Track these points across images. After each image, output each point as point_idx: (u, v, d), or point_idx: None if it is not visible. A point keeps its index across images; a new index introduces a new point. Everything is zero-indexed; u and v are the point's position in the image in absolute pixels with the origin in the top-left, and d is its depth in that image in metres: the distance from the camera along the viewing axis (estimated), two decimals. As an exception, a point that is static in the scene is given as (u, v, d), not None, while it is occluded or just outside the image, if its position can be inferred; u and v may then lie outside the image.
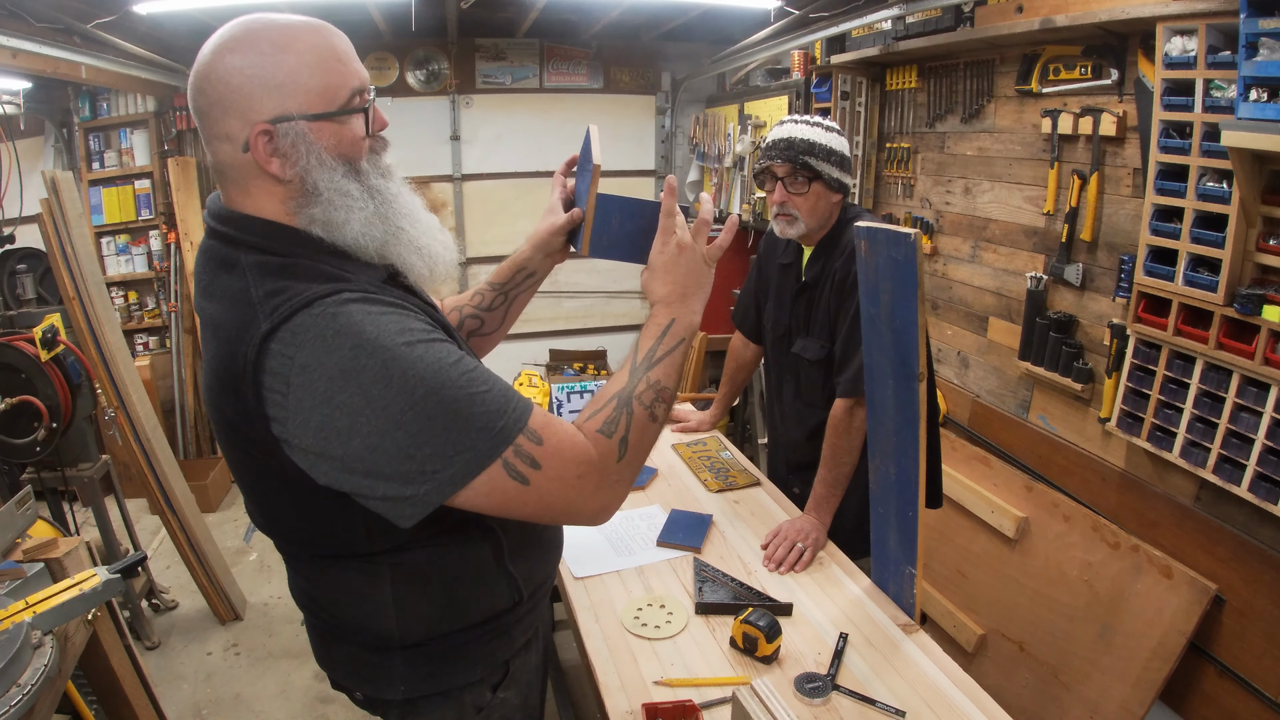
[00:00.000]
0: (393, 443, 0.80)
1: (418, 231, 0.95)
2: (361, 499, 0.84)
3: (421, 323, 0.86)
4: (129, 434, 2.68)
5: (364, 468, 0.81)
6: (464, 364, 0.85)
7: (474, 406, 0.83)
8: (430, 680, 1.04)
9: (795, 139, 1.71)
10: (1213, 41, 1.74)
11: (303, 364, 0.79)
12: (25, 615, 1.28)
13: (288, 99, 0.85)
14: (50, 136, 3.92)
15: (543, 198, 1.32)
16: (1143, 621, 1.99)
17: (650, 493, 1.93)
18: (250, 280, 0.84)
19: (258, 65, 0.84)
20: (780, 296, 1.93)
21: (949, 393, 2.91)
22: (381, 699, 1.07)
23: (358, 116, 0.90)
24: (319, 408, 0.79)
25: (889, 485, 1.45)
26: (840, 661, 1.31)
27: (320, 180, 0.87)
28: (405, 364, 0.80)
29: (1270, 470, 1.71)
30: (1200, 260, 1.84)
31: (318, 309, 0.80)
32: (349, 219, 0.88)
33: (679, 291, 1.01)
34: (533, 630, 1.14)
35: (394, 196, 0.94)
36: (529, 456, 0.85)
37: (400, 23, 3.58)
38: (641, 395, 0.95)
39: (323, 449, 0.81)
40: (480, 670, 1.06)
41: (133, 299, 4.09)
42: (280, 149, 0.85)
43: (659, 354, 0.98)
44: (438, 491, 0.83)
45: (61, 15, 2.72)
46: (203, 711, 2.43)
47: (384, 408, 0.79)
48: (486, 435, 0.83)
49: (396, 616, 0.99)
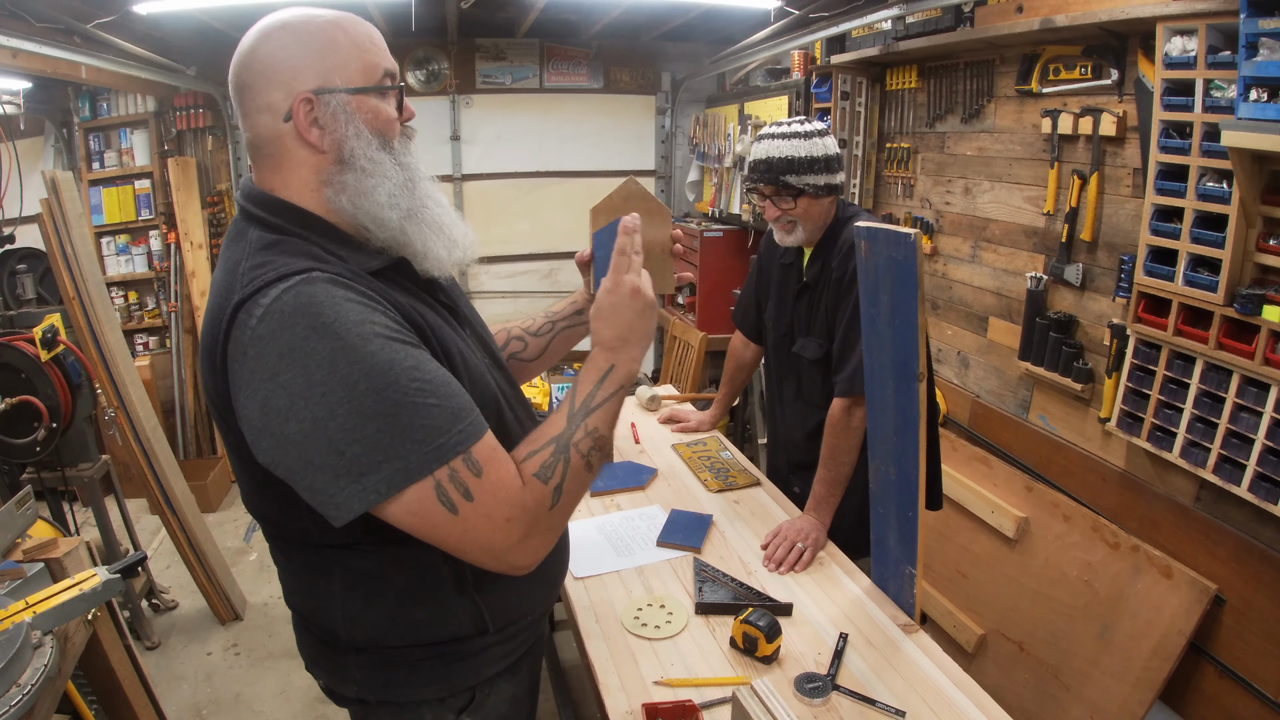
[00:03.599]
0: (324, 433, 0.78)
1: (441, 211, 0.97)
2: (293, 485, 0.83)
3: (389, 319, 0.84)
4: (129, 434, 2.68)
5: (296, 453, 0.80)
6: (421, 371, 0.82)
7: (415, 416, 0.80)
8: (382, 688, 1.02)
9: (773, 159, 1.72)
10: (1213, 41, 1.74)
11: (259, 335, 0.79)
12: (25, 615, 1.28)
13: (331, 72, 0.89)
14: (50, 136, 3.92)
15: (543, 198, 1.34)
16: (1143, 621, 1.99)
17: (650, 493, 1.93)
18: (247, 252, 0.87)
19: (302, 42, 0.89)
20: (781, 296, 1.93)
21: (949, 393, 2.91)
22: (339, 693, 1.06)
23: (391, 98, 0.95)
24: (265, 383, 0.79)
25: (889, 485, 1.45)
26: (840, 661, 1.31)
27: (356, 149, 0.90)
28: (354, 355, 0.78)
29: (1270, 470, 1.71)
30: (1200, 260, 1.84)
31: (286, 284, 0.80)
32: (379, 185, 0.91)
33: (621, 336, 0.98)
34: (509, 662, 1.07)
35: (421, 176, 0.97)
36: (464, 486, 0.82)
37: (400, 23, 3.58)
38: (579, 443, 0.91)
39: (264, 425, 0.80)
40: (436, 690, 1.02)
41: (133, 299, 4.09)
42: (320, 119, 0.89)
43: (597, 400, 0.94)
44: (360, 497, 0.80)
45: (61, 15, 2.72)
46: (203, 711, 2.43)
47: (323, 395, 0.78)
48: (420, 449, 0.80)
49: (343, 618, 0.98)
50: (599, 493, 1.92)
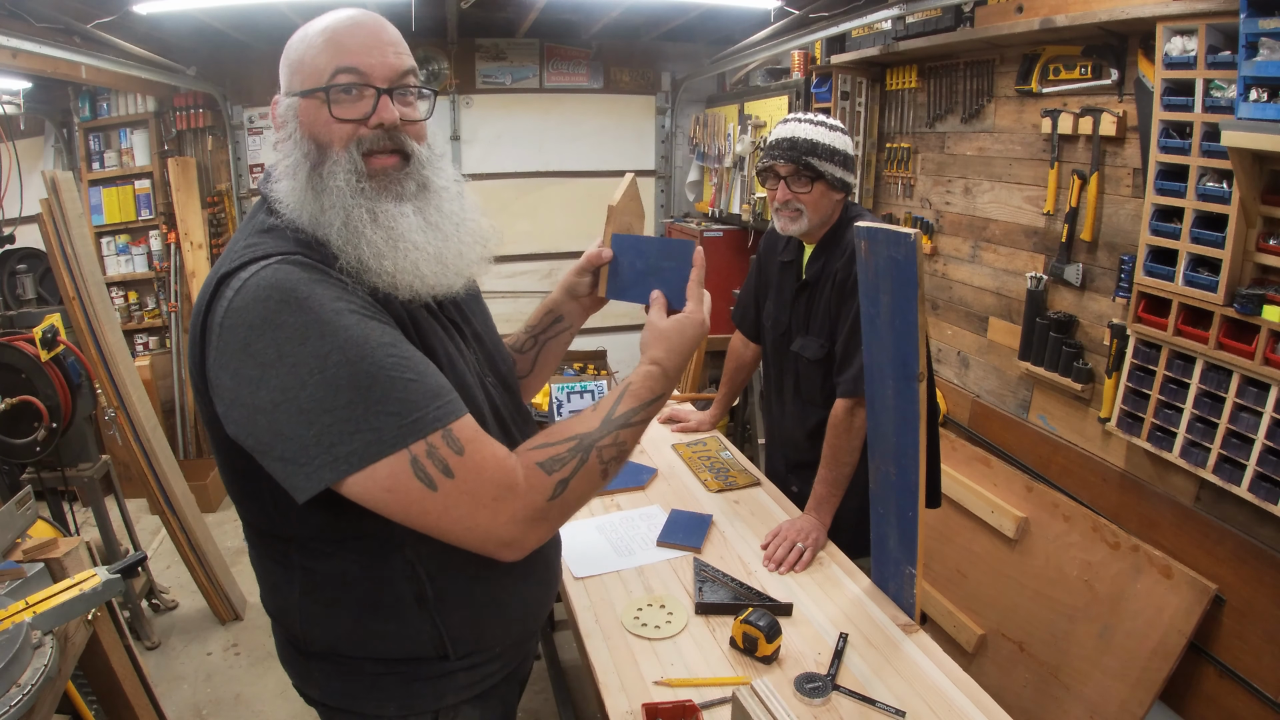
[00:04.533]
0: (295, 403, 0.78)
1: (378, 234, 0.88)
2: (261, 457, 0.82)
3: (364, 301, 0.84)
4: (129, 434, 2.68)
5: (266, 422, 0.79)
6: (398, 348, 0.82)
7: (392, 390, 0.79)
8: (342, 697, 1.00)
9: (798, 139, 1.71)
10: (1213, 41, 1.74)
11: (235, 308, 0.80)
12: (25, 615, 1.28)
13: (293, 75, 0.91)
14: (50, 136, 3.92)
15: (543, 198, 1.34)
16: (1143, 621, 1.99)
17: (650, 493, 1.93)
18: (246, 233, 0.90)
19: (299, 39, 0.92)
20: (780, 294, 1.93)
21: (949, 393, 2.91)
22: (306, 694, 1.06)
23: (345, 101, 0.88)
24: (237, 353, 0.79)
25: (889, 485, 1.45)
26: (840, 661, 1.31)
27: (293, 155, 0.91)
28: (326, 327, 0.79)
29: (1270, 470, 1.71)
30: (1200, 260, 1.84)
31: (266, 261, 0.82)
32: (303, 198, 0.88)
33: (679, 366, 0.99)
34: (476, 691, 1.02)
35: (348, 197, 0.88)
36: (443, 462, 0.80)
37: (400, 23, 3.54)
38: (604, 448, 0.91)
39: (235, 396, 0.80)
40: (397, 709, 0.99)
41: (133, 299, 4.09)
42: (277, 122, 0.92)
43: (638, 418, 0.94)
44: (331, 468, 0.78)
45: (61, 15, 2.72)
46: (203, 711, 2.43)
47: (294, 365, 0.78)
48: (395, 421, 0.79)
49: (301, 621, 0.97)
50: (599, 493, 1.92)
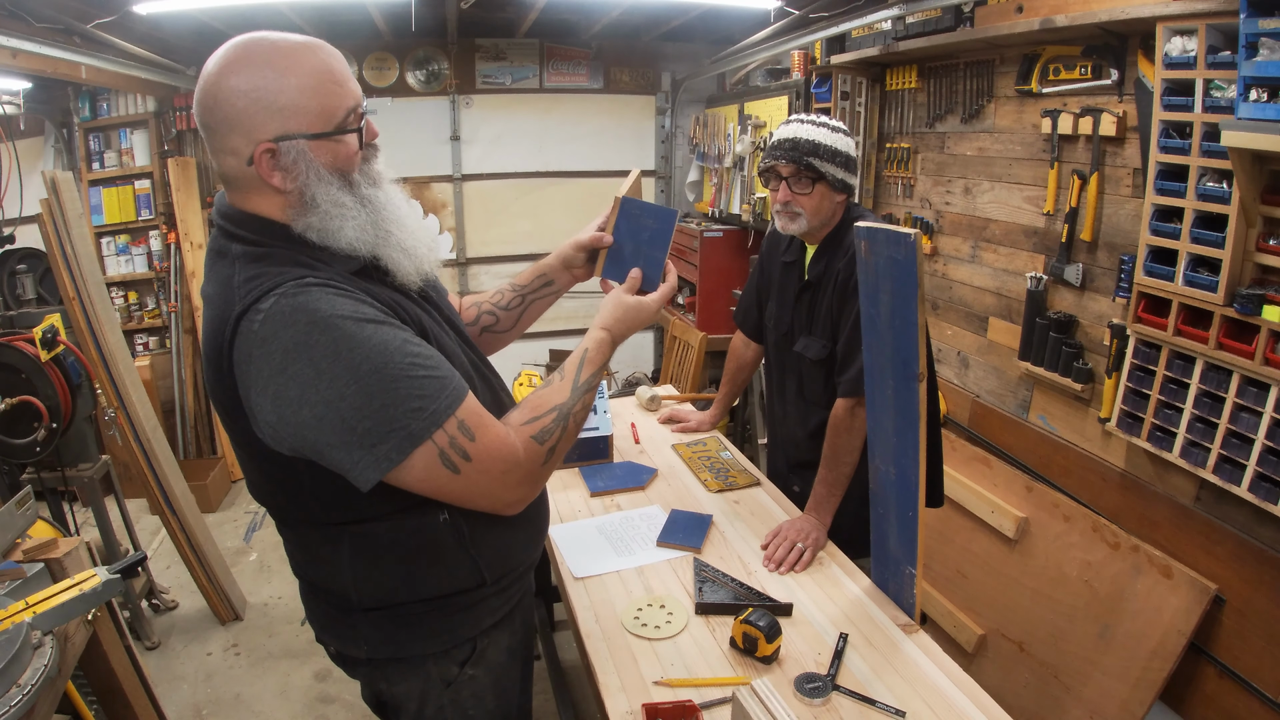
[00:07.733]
0: (337, 414, 0.87)
1: (404, 234, 1.03)
2: (319, 460, 0.92)
3: (373, 309, 0.93)
4: (129, 434, 2.68)
5: (314, 435, 0.89)
6: (411, 346, 0.92)
7: (411, 387, 0.90)
8: (391, 645, 1.10)
9: (800, 139, 1.71)
10: (1213, 41, 1.74)
11: (263, 337, 0.87)
12: (25, 615, 1.28)
13: (289, 120, 0.92)
14: (50, 136, 3.92)
15: (543, 198, 1.44)
16: (1143, 621, 1.99)
17: (650, 493, 1.93)
18: (236, 268, 0.93)
19: (261, 88, 0.90)
20: (783, 295, 1.93)
21: (949, 393, 2.91)
22: (350, 656, 1.15)
23: (353, 133, 0.98)
24: (274, 378, 0.87)
25: (889, 485, 1.45)
26: (840, 661, 1.31)
27: (318, 193, 0.95)
28: (354, 341, 0.87)
29: (1270, 470, 1.71)
30: (1200, 260, 1.84)
31: (281, 290, 0.88)
32: (343, 227, 0.96)
33: (623, 336, 1.20)
34: (503, 613, 1.17)
35: (384, 204, 1.01)
36: (462, 450, 0.94)
37: (400, 23, 3.58)
38: (577, 414, 1.08)
39: (279, 417, 0.89)
40: (442, 642, 1.12)
41: (133, 299, 4.09)
42: (282, 164, 0.93)
43: (596, 381, 1.12)
44: (375, 466, 0.90)
45: (61, 15, 2.72)
46: (203, 711, 2.43)
47: (331, 380, 0.86)
48: (419, 417, 0.90)
49: (353, 580, 1.06)
50: (599, 493, 1.92)
